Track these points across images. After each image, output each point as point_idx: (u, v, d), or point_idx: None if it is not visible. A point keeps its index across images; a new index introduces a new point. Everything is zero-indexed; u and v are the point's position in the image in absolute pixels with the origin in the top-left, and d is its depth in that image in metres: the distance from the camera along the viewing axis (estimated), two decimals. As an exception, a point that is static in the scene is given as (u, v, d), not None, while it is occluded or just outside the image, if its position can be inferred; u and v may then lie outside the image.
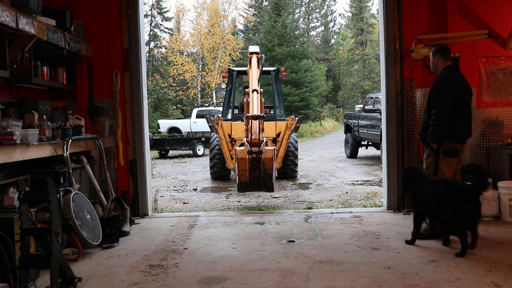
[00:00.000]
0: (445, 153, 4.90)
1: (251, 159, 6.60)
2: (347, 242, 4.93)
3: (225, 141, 9.79)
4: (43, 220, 4.43)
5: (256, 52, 9.03)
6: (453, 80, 4.91)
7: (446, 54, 5.10)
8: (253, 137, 6.69)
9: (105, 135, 6.36)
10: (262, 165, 6.63)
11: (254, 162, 6.60)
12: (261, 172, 6.64)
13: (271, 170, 6.71)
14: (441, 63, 5.07)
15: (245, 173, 6.70)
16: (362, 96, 39.99)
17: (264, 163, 6.65)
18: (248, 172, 6.65)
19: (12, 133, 4.15)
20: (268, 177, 6.70)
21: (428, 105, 5.06)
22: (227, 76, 11.89)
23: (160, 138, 19.61)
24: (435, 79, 5.04)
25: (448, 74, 4.95)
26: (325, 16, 51.16)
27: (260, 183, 6.69)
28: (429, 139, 4.96)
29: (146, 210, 6.54)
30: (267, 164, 6.69)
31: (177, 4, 52.87)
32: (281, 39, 34.38)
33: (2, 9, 4.11)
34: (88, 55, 6.29)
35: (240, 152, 6.86)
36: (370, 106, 14.25)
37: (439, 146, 4.90)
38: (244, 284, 3.78)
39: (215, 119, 9.86)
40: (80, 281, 3.76)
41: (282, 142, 9.79)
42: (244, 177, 6.73)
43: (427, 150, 5.10)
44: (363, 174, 11.63)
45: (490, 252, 4.42)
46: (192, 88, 34.91)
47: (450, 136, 4.89)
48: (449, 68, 5.05)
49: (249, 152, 6.60)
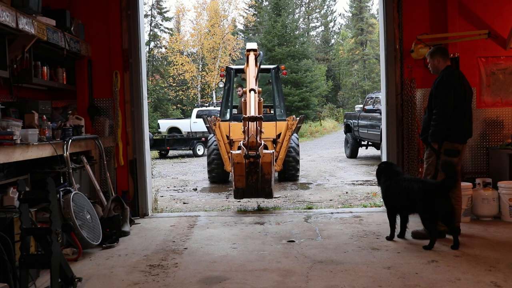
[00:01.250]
0: (446, 153, 4.89)
1: (248, 163, 6.23)
2: (347, 242, 4.93)
3: (223, 143, 9.43)
4: (43, 220, 4.43)
5: (253, 49, 8.45)
6: (455, 80, 4.91)
7: (445, 54, 5.13)
8: (250, 140, 6.34)
9: (105, 135, 6.36)
10: (260, 170, 6.28)
11: (251, 166, 6.24)
12: (259, 178, 6.28)
13: (270, 175, 6.37)
14: (441, 64, 5.08)
15: (242, 178, 6.36)
16: (362, 96, 39.99)
17: (262, 167, 6.32)
18: (245, 177, 6.29)
19: (12, 133, 4.15)
20: (266, 182, 6.35)
21: (429, 105, 5.07)
22: (225, 74, 11.47)
23: (160, 138, 19.60)
24: (436, 79, 5.05)
25: (450, 74, 4.96)
26: (325, 16, 51.16)
27: (258, 189, 6.33)
28: (430, 139, 4.97)
29: (146, 210, 6.55)
30: (265, 168, 6.36)
31: (177, 4, 53.05)
32: (281, 39, 34.39)
33: (2, 9, 4.11)
34: (88, 55, 6.29)
35: (236, 156, 6.49)
36: (370, 106, 14.25)
37: (440, 146, 4.91)
38: (244, 284, 3.78)
39: (212, 120, 9.51)
40: (80, 281, 3.76)
41: (283, 143, 9.44)
42: (241, 183, 6.39)
43: (428, 150, 5.11)
44: (363, 174, 11.63)
45: (490, 252, 4.43)
46: (192, 88, 34.92)
47: (451, 136, 4.90)
48: (449, 68, 5.06)
49: (246, 156, 6.24)
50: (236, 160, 6.43)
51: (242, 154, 6.36)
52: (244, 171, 6.29)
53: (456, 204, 4.89)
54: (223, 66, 13.72)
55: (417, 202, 4.63)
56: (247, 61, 8.28)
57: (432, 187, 4.61)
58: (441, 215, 4.57)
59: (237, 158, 6.44)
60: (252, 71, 7.90)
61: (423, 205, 4.59)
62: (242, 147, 6.41)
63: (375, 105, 13.70)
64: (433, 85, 5.05)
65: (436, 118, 4.88)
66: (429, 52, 5.25)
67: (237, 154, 6.53)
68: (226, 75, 11.40)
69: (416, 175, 6.18)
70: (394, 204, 4.98)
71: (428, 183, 4.73)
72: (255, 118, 6.58)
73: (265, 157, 6.37)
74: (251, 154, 6.23)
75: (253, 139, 6.35)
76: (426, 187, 4.62)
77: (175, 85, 35.58)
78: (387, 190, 5.04)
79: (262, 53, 8.24)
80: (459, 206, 5.03)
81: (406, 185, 4.79)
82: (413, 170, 6.27)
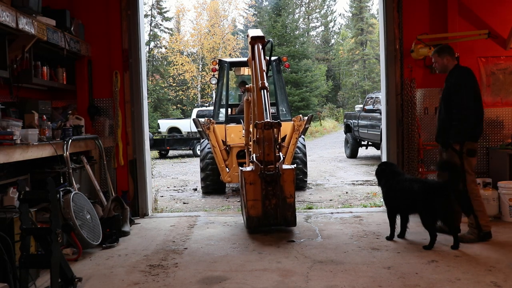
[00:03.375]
0: (469, 153, 4.78)
1: (265, 184, 5.06)
2: (347, 242, 4.93)
3: (218, 149, 8.22)
4: (43, 220, 4.43)
5: (260, 36, 6.43)
6: (473, 79, 4.86)
7: (453, 53, 5.04)
8: (266, 153, 5.09)
9: (105, 135, 6.36)
10: (281, 192, 5.08)
11: (268, 188, 5.05)
12: (279, 202, 5.09)
13: (293, 198, 5.13)
14: (450, 62, 4.98)
15: (257, 204, 5.08)
16: (362, 96, 39.99)
17: (283, 188, 5.11)
18: (262, 202, 5.07)
19: (12, 133, 4.15)
20: (288, 208, 5.11)
21: (446, 105, 4.89)
22: (218, 69, 9.94)
23: (160, 138, 19.61)
24: (450, 79, 4.91)
25: (468, 73, 4.87)
26: (325, 16, 51.13)
27: (278, 216, 5.10)
28: (452, 140, 4.81)
29: (146, 210, 6.55)
30: (287, 190, 5.11)
31: (177, 4, 52.99)
32: (281, 39, 34.40)
33: (2, 9, 4.11)
34: (88, 55, 6.29)
35: (248, 174, 5.16)
36: (370, 106, 14.25)
37: (462, 147, 4.77)
38: (244, 284, 3.78)
39: (206, 123, 8.23)
40: (80, 281, 3.76)
41: (289, 147, 8.11)
42: (256, 210, 5.09)
43: (449, 152, 4.89)
44: (363, 174, 11.63)
45: (490, 252, 4.43)
46: (192, 88, 34.93)
47: (472, 136, 4.81)
48: (462, 67, 4.99)
49: (262, 175, 5.05)
50: (249, 179, 5.14)
51: (256, 172, 5.14)
52: (261, 194, 5.09)
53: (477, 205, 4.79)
54: (214, 59, 11.85)
55: (417, 202, 4.63)
56: (252, 52, 6.40)
57: (431, 187, 4.61)
58: (440, 215, 4.57)
59: (250, 177, 5.16)
60: (262, 64, 6.11)
61: (423, 205, 4.59)
62: (255, 162, 5.20)
63: (375, 105, 13.70)
64: (447, 83, 4.91)
65: (459, 117, 4.73)
66: (435, 51, 5.10)
67: (249, 172, 5.22)
68: (218, 69, 9.95)
69: (416, 175, 6.18)
70: (394, 204, 4.98)
71: (428, 183, 4.73)
72: (271, 125, 5.24)
73: (286, 174, 5.14)
74: (269, 172, 5.06)
75: (269, 150, 5.14)
76: (425, 187, 4.62)
77: (175, 85, 35.59)
78: (387, 190, 5.04)
79: (272, 40, 6.63)
80: (483, 207, 4.87)
81: (406, 185, 4.79)
82: (413, 170, 6.26)
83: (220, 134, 8.39)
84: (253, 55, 6.32)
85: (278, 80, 9.74)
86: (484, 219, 4.79)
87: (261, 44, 6.35)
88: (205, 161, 8.77)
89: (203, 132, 8.27)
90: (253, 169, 5.20)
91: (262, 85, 5.77)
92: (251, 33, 6.64)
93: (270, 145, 5.15)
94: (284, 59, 10.10)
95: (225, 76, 9.68)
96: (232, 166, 8.29)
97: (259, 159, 5.17)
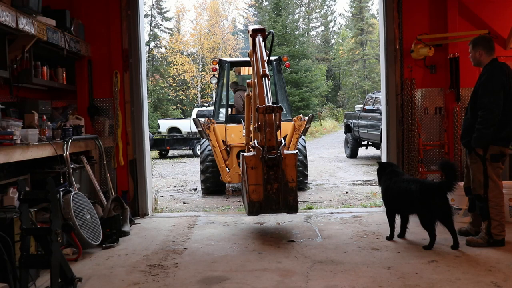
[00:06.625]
0: (492, 159, 4.48)
1: (266, 168, 5.02)
2: (347, 242, 4.93)
3: (219, 150, 8.24)
4: (43, 220, 4.43)
5: (260, 29, 6.50)
6: (504, 78, 4.46)
7: (490, 46, 4.63)
8: (268, 138, 5.09)
9: (105, 135, 6.36)
10: (282, 176, 5.04)
11: (270, 172, 5.00)
12: (281, 187, 5.03)
13: (294, 182, 5.07)
14: (484, 57, 4.62)
15: (259, 188, 5.02)
16: (362, 96, 39.99)
17: (285, 173, 5.06)
18: (263, 186, 5.02)
19: (12, 133, 4.16)
20: (290, 192, 5.05)
21: (472, 105, 4.60)
22: (218, 68, 9.95)
23: (160, 138, 19.61)
24: (481, 76, 4.60)
25: (499, 71, 4.49)
26: (325, 16, 51.14)
27: (280, 201, 5.03)
28: (474, 144, 4.54)
29: (146, 210, 6.55)
30: (289, 174, 5.05)
31: (177, 4, 53.12)
32: (281, 39, 34.38)
33: (2, 9, 4.11)
34: (88, 55, 6.29)
35: (250, 159, 5.12)
36: (370, 106, 14.27)
37: (486, 152, 4.50)
38: (244, 284, 3.78)
39: (206, 123, 8.18)
40: (80, 281, 3.76)
41: (289, 148, 8.10)
42: (258, 195, 5.02)
43: (472, 156, 4.65)
44: (363, 174, 11.63)
45: (490, 252, 4.42)
46: (192, 88, 34.93)
47: (497, 139, 4.47)
48: (496, 63, 4.58)
49: (263, 159, 4.99)
50: (251, 164, 5.09)
51: (257, 156, 5.09)
52: (262, 179, 5.02)
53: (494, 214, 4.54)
54: (215, 58, 11.86)
55: (415, 203, 4.63)
56: (253, 45, 6.35)
57: (429, 188, 4.60)
58: (439, 216, 4.56)
59: (252, 161, 5.10)
60: (263, 54, 6.13)
61: (420, 206, 4.58)
62: (256, 147, 5.20)
63: (375, 105, 13.71)
64: (478, 82, 4.59)
65: (482, 121, 4.42)
66: (471, 42, 4.77)
67: (250, 156, 5.17)
68: (219, 69, 9.96)
69: (416, 175, 6.19)
70: (393, 205, 4.98)
71: (426, 183, 4.73)
72: (273, 109, 5.19)
73: (287, 158, 5.08)
74: (271, 156, 5.01)
75: (271, 136, 5.12)
76: (423, 188, 4.61)
77: (175, 85, 35.60)
78: (387, 190, 5.04)
79: (273, 31, 6.61)
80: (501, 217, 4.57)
81: (405, 185, 4.78)
82: (413, 170, 6.27)
83: (220, 134, 8.41)
84: (254, 47, 6.31)
85: (278, 80, 9.78)
86: (497, 228, 4.54)
87: (262, 36, 6.37)
88: (205, 164, 8.80)
89: (203, 132, 8.25)
90: (255, 154, 5.17)
91: (263, 73, 5.76)
92: (251, 28, 6.66)
93: (271, 130, 5.14)
94: (284, 58, 10.11)
95: (226, 76, 9.74)
96: (232, 166, 8.30)
97: (261, 144, 5.16)
